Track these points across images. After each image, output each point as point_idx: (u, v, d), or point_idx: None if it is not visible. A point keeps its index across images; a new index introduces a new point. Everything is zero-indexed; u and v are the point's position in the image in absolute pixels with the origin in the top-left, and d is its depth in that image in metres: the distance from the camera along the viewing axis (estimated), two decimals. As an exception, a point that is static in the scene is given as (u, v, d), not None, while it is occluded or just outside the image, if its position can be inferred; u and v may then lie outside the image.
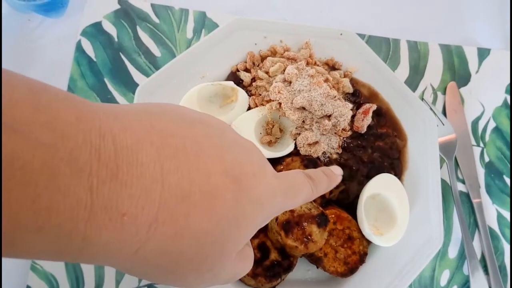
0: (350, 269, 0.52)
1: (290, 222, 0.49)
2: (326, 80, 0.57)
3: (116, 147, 0.18)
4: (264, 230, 0.51)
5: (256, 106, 0.56)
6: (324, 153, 0.56)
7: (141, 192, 0.18)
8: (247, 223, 0.24)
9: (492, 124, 0.70)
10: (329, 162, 0.56)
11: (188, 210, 0.20)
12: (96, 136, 0.18)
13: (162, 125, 0.22)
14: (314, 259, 0.51)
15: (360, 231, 0.53)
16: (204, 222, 0.21)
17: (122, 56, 0.62)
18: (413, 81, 0.69)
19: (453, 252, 0.62)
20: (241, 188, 0.23)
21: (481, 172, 0.67)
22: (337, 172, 0.37)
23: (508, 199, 0.66)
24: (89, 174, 0.17)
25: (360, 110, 0.58)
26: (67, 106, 0.18)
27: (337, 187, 0.55)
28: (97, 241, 0.18)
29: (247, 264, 0.29)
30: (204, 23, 0.65)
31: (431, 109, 0.65)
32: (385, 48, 0.69)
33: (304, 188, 0.30)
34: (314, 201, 0.52)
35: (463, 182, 0.66)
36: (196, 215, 0.21)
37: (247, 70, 0.59)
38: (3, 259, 0.52)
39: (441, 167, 0.60)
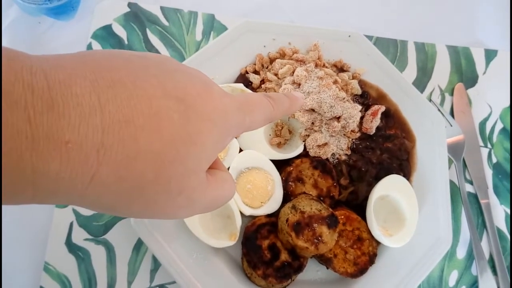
0: (360, 270, 0.52)
1: (301, 223, 0.49)
2: (335, 82, 0.57)
3: (48, 82, 0.19)
4: (274, 231, 0.51)
5: (266, 108, 0.56)
6: (333, 154, 0.56)
7: (81, 120, 0.19)
8: (204, 140, 0.24)
9: (499, 125, 0.70)
10: (338, 164, 0.56)
11: (135, 134, 0.21)
12: (28, 73, 0.18)
13: (95, 62, 0.22)
14: (324, 260, 0.52)
15: (369, 232, 0.53)
16: (155, 143, 0.21)
17: (132, 59, 0.62)
18: (420, 83, 0.69)
19: (461, 252, 0.62)
20: (187, 107, 0.23)
21: (489, 173, 0.67)
22: (298, 95, 0.38)
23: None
24: (24, 106, 0.17)
25: (369, 112, 0.58)
26: (1, 52, 0.19)
27: (346, 188, 0.56)
28: (46, 171, 0.18)
29: (226, 187, 0.29)
30: (213, 26, 0.65)
31: (439, 110, 0.65)
32: (393, 50, 0.70)
33: (262, 104, 0.30)
34: (324, 202, 0.52)
35: (471, 183, 0.66)
36: (144, 138, 0.21)
37: (256, 72, 0.59)
38: (17, 259, 0.52)
39: (449, 168, 0.61)
